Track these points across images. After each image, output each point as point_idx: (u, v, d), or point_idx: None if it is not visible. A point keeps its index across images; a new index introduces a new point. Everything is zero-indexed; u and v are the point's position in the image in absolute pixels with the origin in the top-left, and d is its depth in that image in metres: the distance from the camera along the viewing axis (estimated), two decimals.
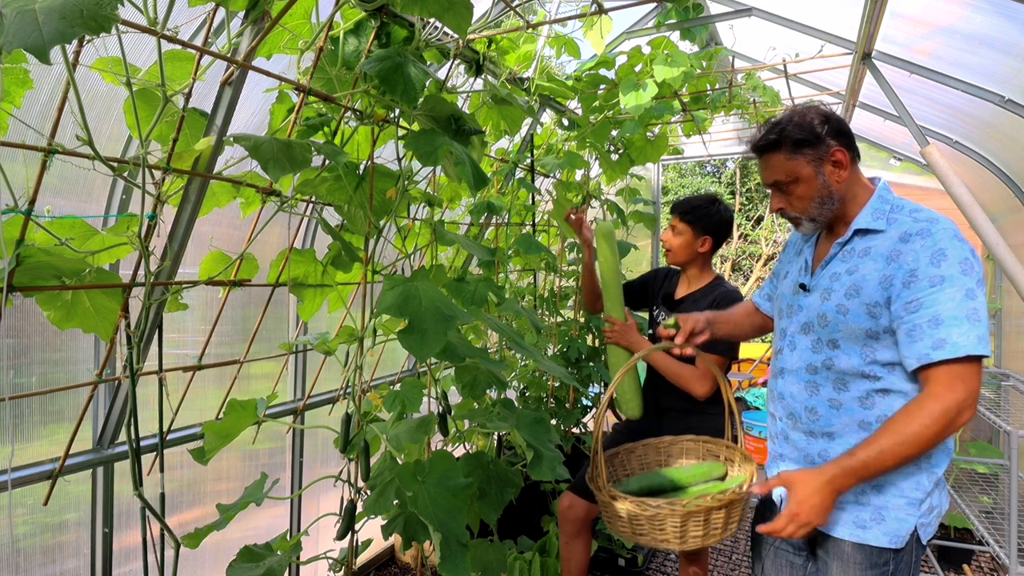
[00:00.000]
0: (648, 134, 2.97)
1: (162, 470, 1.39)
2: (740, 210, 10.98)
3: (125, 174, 1.21)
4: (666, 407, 2.04)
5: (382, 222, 1.66)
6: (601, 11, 1.95)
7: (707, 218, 2.05)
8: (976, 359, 1.08)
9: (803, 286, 1.34)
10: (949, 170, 2.02)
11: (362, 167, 1.64)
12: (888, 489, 1.20)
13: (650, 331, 2.17)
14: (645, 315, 2.40)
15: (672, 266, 2.23)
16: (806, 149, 1.24)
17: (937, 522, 1.23)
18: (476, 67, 1.95)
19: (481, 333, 2.67)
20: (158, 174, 1.26)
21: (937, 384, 1.09)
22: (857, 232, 1.26)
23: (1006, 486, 2.57)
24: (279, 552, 1.49)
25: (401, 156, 1.62)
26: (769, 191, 1.35)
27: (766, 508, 1.44)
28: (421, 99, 1.48)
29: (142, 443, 1.42)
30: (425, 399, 1.63)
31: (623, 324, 2.01)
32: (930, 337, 1.09)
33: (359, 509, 1.56)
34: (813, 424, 1.28)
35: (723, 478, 1.63)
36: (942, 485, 1.25)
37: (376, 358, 2.56)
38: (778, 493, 1.37)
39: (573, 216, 2.20)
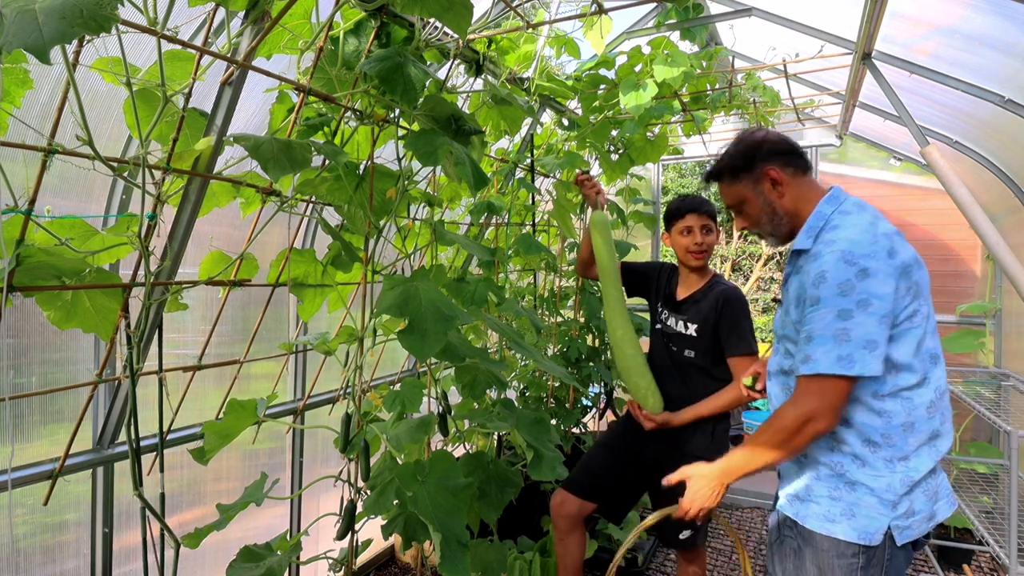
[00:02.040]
0: (648, 134, 2.97)
1: (162, 470, 1.39)
2: None
3: (125, 174, 1.21)
4: (676, 400, 2.05)
5: (382, 222, 1.67)
6: (601, 11, 1.95)
7: (716, 214, 2.09)
8: (838, 377, 1.15)
9: (775, 299, 1.42)
10: (949, 170, 2.02)
11: (362, 167, 1.64)
12: (859, 488, 1.24)
13: (656, 326, 2.17)
14: (645, 315, 2.41)
15: (672, 264, 2.23)
16: (742, 175, 1.38)
17: (922, 527, 1.24)
18: (476, 67, 1.95)
19: (481, 333, 2.67)
20: (158, 174, 1.26)
21: (798, 393, 1.21)
22: (794, 253, 1.35)
23: (1006, 486, 2.57)
24: (279, 552, 1.49)
25: (401, 156, 1.62)
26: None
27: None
28: (421, 99, 1.48)
29: (142, 443, 1.42)
30: (425, 399, 1.63)
31: (662, 418, 2.02)
32: (802, 352, 1.20)
33: (359, 509, 1.56)
34: None
35: None
36: (927, 490, 1.24)
37: (376, 358, 2.56)
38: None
39: (584, 179, 2.25)
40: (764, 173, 1.35)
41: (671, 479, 1.46)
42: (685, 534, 2.03)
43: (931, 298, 1.26)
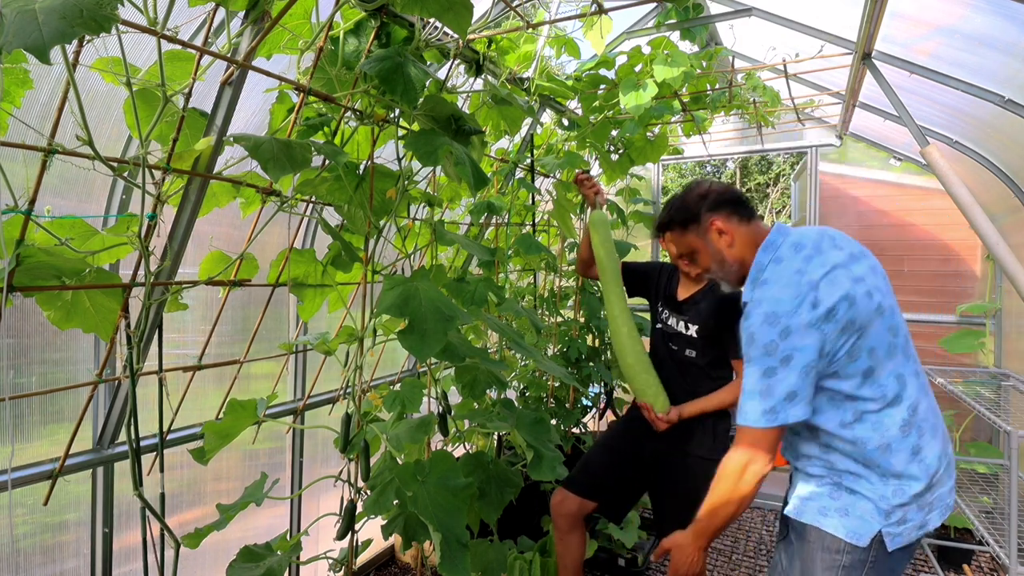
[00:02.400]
0: (648, 134, 2.97)
1: (162, 470, 1.39)
2: None
3: (125, 174, 1.21)
4: (677, 398, 2.04)
5: (382, 222, 1.67)
6: (601, 11, 1.95)
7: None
8: (765, 428, 1.24)
9: None
10: (949, 170, 2.02)
11: (362, 167, 1.64)
12: (858, 494, 1.29)
13: (657, 326, 2.17)
14: (646, 315, 2.40)
15: (672, 264, 2.23)
16: (691, 225, 1.47)
17: (913, 535, 1.27)
18: (476, 67, 1.95)
19: (481, 333, 2.67)
20: (158, 174, 1.26)
21: (736, 440, 1.30)
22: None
23: (1006, 486, 2.57)
24: (279, 552, 1.49)
25: (401, 156, 1.62)
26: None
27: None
28: (421, 99, 1.48)
29: (142, 443, 1.42)
30: (425, 399, 1.63)
31: (674, 415, 2.00)
32: (740, 404, 1.29)
33: (359, 509, 1.56)
34: (785, 449, 1.45)
35: None
36: (922, 503, 1.27)
37: (376, 358, 2.56)
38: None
39: (584, 179, 2.25)
40: (710, 224, 1.43)
41: (656, 555, 1.53)
42: None
43: (896, 319, 1.29)
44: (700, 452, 2.02)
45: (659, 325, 2.16)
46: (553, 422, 3.14)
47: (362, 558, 2.54)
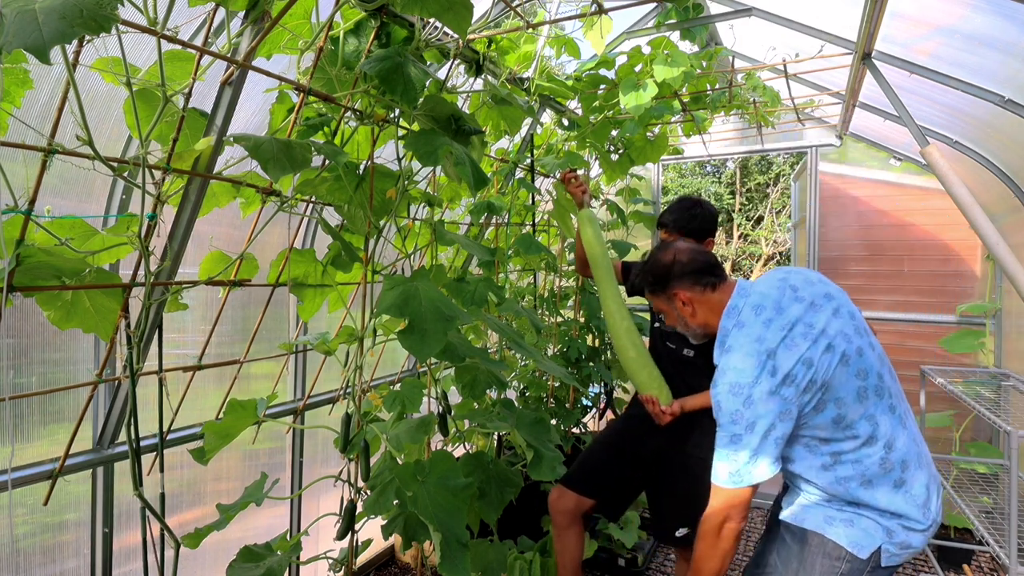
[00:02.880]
0: (648, 134, 2.97)
1: (162, 470, 1.39)
2: (740, 210, 10.98)
3: (125, 174, 1.21)
4: (676, 395, 2.04)
5: (382, 222, 1.66)
6: (601, 11, 1.95)
7: (702, 219, 2.07)
8: (735, 488, 1.30)
9: None
10: (949, 170, 2.02)
11: (362, 167, 1.64)
12: (863, 509, 1.33)
13: (656, 324, 2.17)
14: (646, 315, 2.40)
15: None
16: (658, 291, 1.56)
17: (904, 557, 1.33)
18: (476, 67, 1.95)
19: (481, 333, 2.67)
20: (158, 174, 1.26)
21: (711, 498, 1.36)
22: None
23: (1006, 486, 2.57)
24: (279, 552, 1.49)
25: (401, 156, 1.62)
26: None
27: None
28: (421, 99, 1.48)
29: (142, 443, 1.42)
30: (425, 399, 1.63)
31: (677, 407, 1.98)
32: (713, 463, 1.36)
33: (359, 509, 1.56)
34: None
35: None
36: (918, 529, 1.32)
37: (376, 358, 2.56)
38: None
39: (571, 177, 2.23)
40: (675, 293, 1.51)
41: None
42: (681, 532, 2.03)
43: (865, 362, 1.32)
44: (698, 451, 2.02)
45: (657, 324, 2.16)
46: (553, 422, 3.14)
47: (362, 558, 2.54)
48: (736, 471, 1.30)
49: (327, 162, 1.52)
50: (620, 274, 2.28)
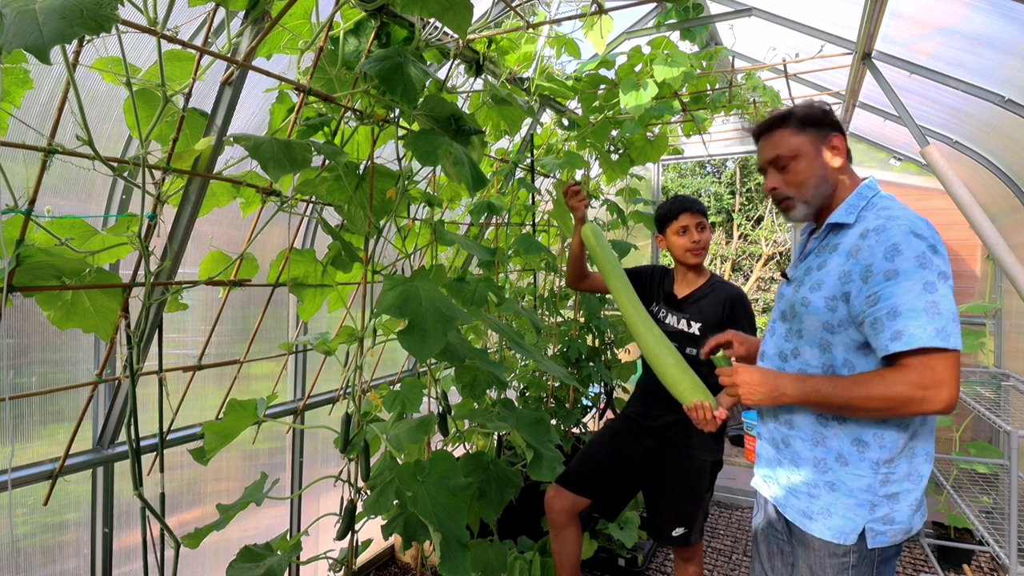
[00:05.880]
0: (648, 134, 2.97)
1: (162, 470, 1.39)
2: (740, 210, 10.97)
3: (125, 174, 1.21)
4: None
5: (382, 222, 1.67)
6: (601, 11, 1.95)
7: (694, 200, 2.10)
8: (941, 350, 1.08)
9: (784, 275, 1.40)
10: (949, 170, 2.02)
11: (362, 167, 1.64)
12: (839, 487, 1.24)
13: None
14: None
15: (667, 265, 2.24)
16: (810, 128, 1.31)
17: (897, 538, 1.22)
18: (476, 67, 1.95)
19: (481, 333, 2.67)
20: (158, 174, 1.26)
21: (902, 369, 1.12)
22: (830, 228, 1.30)
23: (1006, 486, 2.57)
24: (279, 552, 1.49)
25: (401, 156, 1.62)
26: (766, 175, 1.39)
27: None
28: (421, 99, 1.48)
29: (142, 443, 1.42)
30: (425, 399, 1.63)
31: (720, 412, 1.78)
32: (889, 329, 1.11)
33: (359, 509, 1.56)
34: (779, 410, 1.34)
35: None
36: (905, 501, 1.21)
37: (376, 358, 2.56)
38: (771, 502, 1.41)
39: (575, 190, 2.09)
40: (830, 136, 1.31)
41: (720, 339, 1.47)
42: (678, 531, 2.03)
43: None
44: (698, 453, 2.03)
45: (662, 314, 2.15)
46: (553, 422, 3.14)
47: (362, 558, 2.54)
48: (942, 328, 1.08)
49: (327, 162, 1.52)
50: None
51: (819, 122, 1.31)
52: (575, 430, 3.28)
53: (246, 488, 1.52)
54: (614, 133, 2.89)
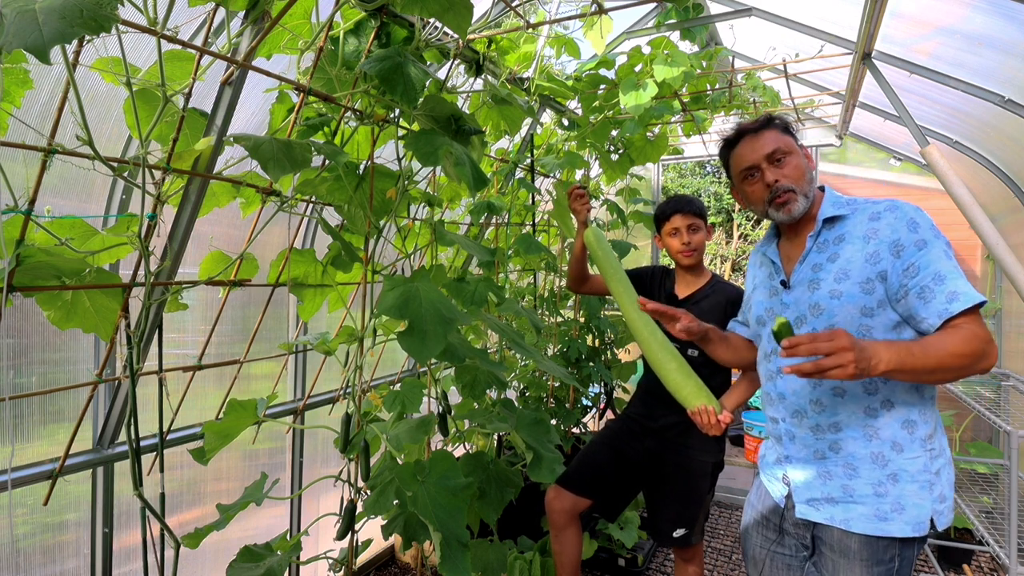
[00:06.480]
0: (648, 134, 2.97)
1: (162, 470, 1.39)
2: (740, 210, 10.97)
3: (125, 174, 1.21)
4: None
5: (382, 222, 1.66)
6: (601, 11, 1.95)
7: (705, 212, 2.10)
8: (979, 307, 1.15)
9: (784, 283, 1.39)
10: (949, 170, 2.02)
11: (362, 167, 1.64)
12: (902, 476, 1.23)
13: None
14: None
15: (668, 265, 2.24)
16: (789, 136, 1.41)
17: (949, 514, 1.24)
18: (476, 67, 1.95)
19: (481, 333, 2.67)
20: (158, 174, 1.26)
21: (968, 328, 1.12)
22: (825, 222, 1.35)
23: (1006, 486, 2.57)
24: (279, 552, 1.49)
25: (401, 156, 1.62)
26: (756, 174, 1.40)
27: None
28: (421, 99, 1.48)
29: (142, 443, 1.42)
30: (425, 399, 1.63)
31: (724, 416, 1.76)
32: (941, 293, 1.15)
33: (359, 509, 1.56)
34: (820, 417, 1.30)
35: None
36: (945, 476, 1.26)
37: (376, 358, 2.56)
38: (779, 493, 1.39)
39: (579, 193, 2.04)
40: (803, 147, 1.42)
41: (665, 309, 1.53)
42: (679, 532, 2.03)
43: None
44: (699, 454, 2.03)
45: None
46: (553, 422, 3.14)
47: (362, 558, 2.54)
48: (970, 287, 1.16)
49: (327, 162, 1.52)
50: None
51: (793, 134, 1.42)
52: (575, 430, 3.28)
53: (246, 488, 1.52)
54: (614, 133, 2.89)
